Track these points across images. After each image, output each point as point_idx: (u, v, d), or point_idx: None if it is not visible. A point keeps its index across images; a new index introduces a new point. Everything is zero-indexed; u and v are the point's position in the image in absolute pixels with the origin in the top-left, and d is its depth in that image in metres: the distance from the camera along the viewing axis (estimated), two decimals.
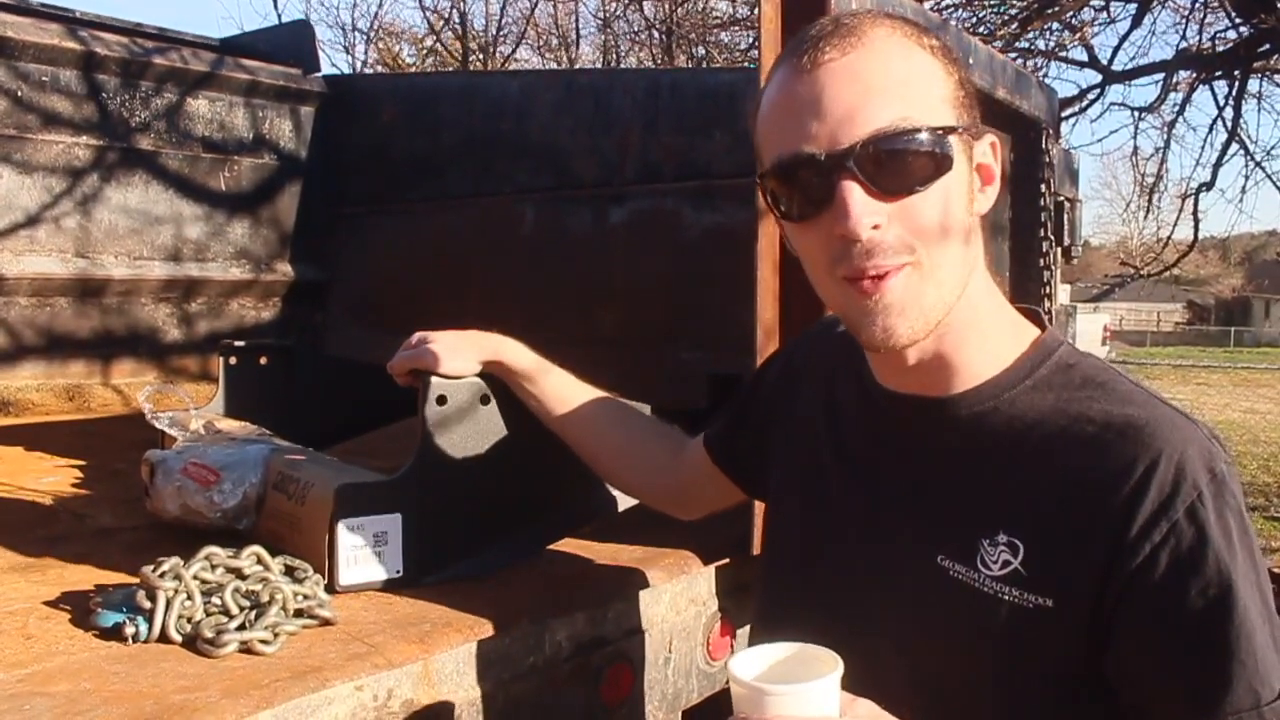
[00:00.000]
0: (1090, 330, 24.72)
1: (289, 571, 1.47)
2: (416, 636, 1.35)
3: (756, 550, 1.72)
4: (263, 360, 2.42)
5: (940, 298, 1.01)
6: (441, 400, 1.58)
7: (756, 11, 1.69)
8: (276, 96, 3.87)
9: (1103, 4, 8.23)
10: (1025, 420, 1.03)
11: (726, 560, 1.81)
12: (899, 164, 0.97)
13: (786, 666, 0.96)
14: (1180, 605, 0.94)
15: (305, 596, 1.40)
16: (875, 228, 0.98)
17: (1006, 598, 0.98)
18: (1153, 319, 48.77)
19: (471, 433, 1.62)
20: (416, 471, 1.58)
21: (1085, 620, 0.96)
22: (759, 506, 1.74)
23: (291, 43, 4.03)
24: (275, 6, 15.66)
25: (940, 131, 0.98)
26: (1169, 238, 10.75)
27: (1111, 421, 0.99)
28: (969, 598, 1.00)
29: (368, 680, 1.25)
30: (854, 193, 0.97)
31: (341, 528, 1.51)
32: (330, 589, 1.47)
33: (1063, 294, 3.91)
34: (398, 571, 1.56)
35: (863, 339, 1.05)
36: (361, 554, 1.53)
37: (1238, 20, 7.47)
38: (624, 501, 1.79)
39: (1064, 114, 7.79)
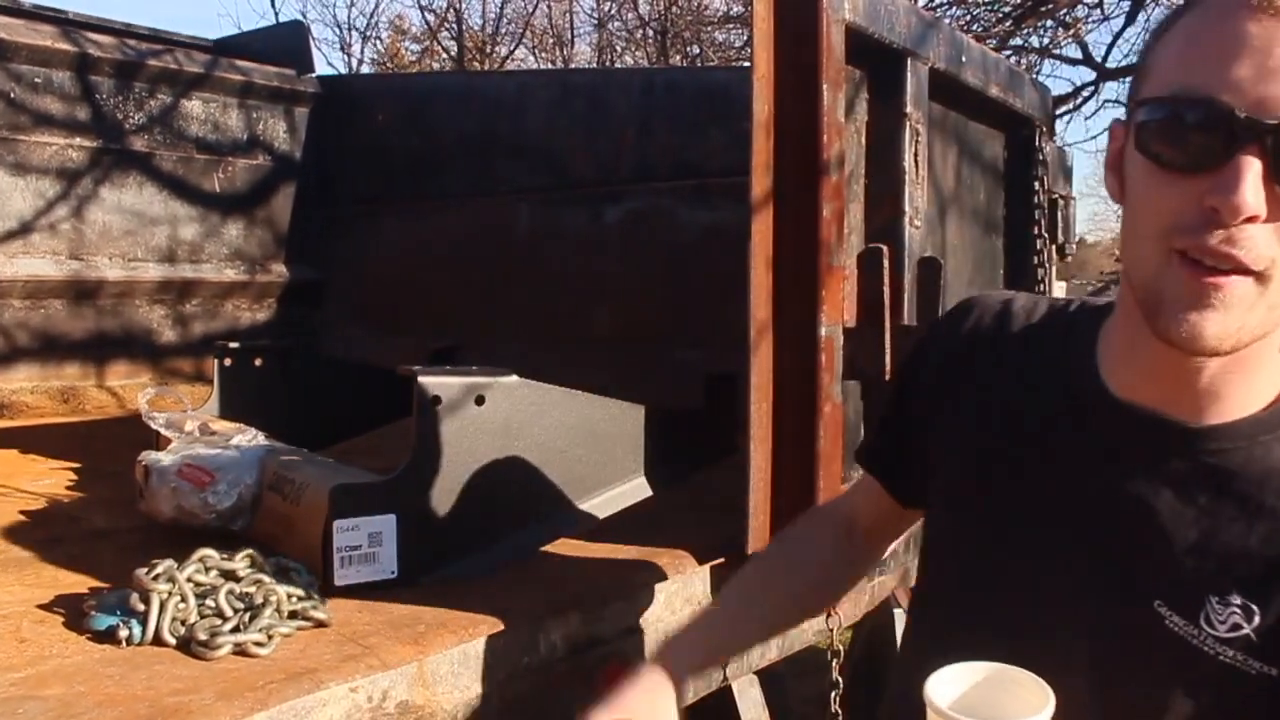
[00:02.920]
0: None
1: (283, 573, 1.47)
2: (411, 637, 1.35)
3: (750, 549, 1.73)
4: (257, 362, 2.43)
5: (1263, 323, 0.86)
6: (436, 401, 1.58)
7: (750, 10, 1.70)
8: (271, 97, 3.86)
9: (1096, 1, 8.23)
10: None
11: (721, 560, 1.80)
12: None
13: (985, 691, 0.86)
14: None
15: (300, 598, 1.40)
16: (1252, 219, 0.81)
17: (1226, 660, 0.89)
18: None
19: (465, 434, 1.62)
20: (411, 472, 1.58)
21: None
22: (754, 504, 1.74)
23: (286, 43, 4.03)
24: (273, 5, 15.66)
25: None
26: None
27: None
28: (1182, 651, 0.90)
29: (362, 682, 1.25)
30: (1253, 170, 0.80)
31: (336, 528, 1.51)
32: (325, 590, 1.47)
33: (1058, 291, 3.90)
34: (392, 572, 1.55)
35: (1158, 326, 0.87)
36: (356, 555, 1.53)
37: None
38: (611, 506, 1.80)
39: (1059, 111, 7.80)
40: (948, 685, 0.85)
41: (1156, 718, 0.91)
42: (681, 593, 1.75)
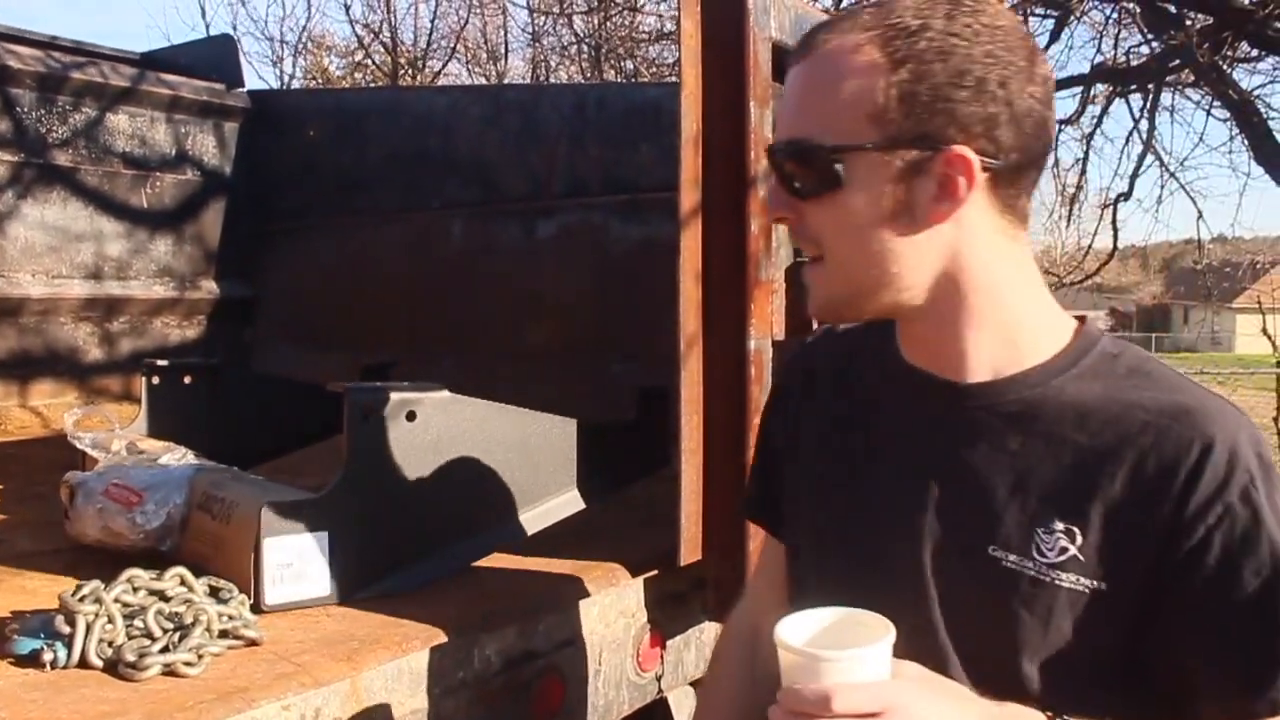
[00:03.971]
0: None
1: (214, 592, 1.45)
2: (344, 654, 1.35)
3: (683, 562, 1.74)
4: (187, 379, 2.39)
5: (855, 291, 1.05)
6: (367, 417, 1.58)
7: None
8: (199, 111, 3.82)
9: (1021, 18, 8.43)
10: (1077, 408, 1.03)
11: (655, 572, 1.82)
12: (799, 172, 1.03)
13: (834, 633, 0.93)
14: (1234, 586, 0.96)
15: (230, 617, 1.38)
16: (780, 219, 1.07)
17: (1062, 584, 1.00)
18: None
19: (397, 450, 1.62)
20: (343, 489, 1.58)
21: (1136, 601, 0.99)
22: (686, 516, 1.76)
23: (214, 57, 3.98)
24: (203, 17, 15.44)
25: (832, 152, 1.01)
26: (1090, 246, 10.97)
27: (1163, 408, 1.01)
28: (1021, 583, 1.01)
29: (295, 700, 1.25)
30: (773, 183, 1.06)
31: (267, 546, 1.50)
32: (256, 609, 1.46)
33: None
34: (325, 589, 1.55)
35: None
36: (288, 572, 1.52)
37: (1149, 36, 7.68)
38: (544, 520, 1.82)
39: None
40: (798, 628, 0.92)
41: (1009, 647, 1.01)
42: (616, 605, 1.77)
